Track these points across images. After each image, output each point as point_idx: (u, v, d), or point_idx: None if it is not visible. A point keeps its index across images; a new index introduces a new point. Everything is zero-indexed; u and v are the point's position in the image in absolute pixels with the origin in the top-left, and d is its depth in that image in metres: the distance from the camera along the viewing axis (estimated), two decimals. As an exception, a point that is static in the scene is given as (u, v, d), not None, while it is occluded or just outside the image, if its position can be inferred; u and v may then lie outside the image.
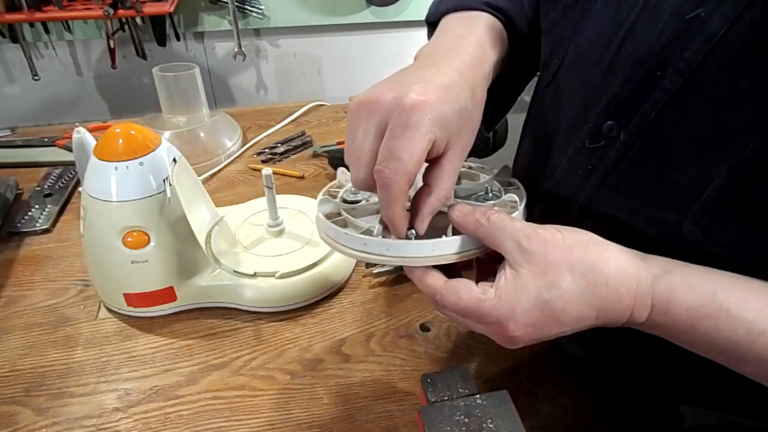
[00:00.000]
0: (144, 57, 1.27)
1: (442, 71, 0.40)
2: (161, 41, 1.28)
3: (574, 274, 0.35)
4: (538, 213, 0.51)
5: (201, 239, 0.62)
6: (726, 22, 0.34)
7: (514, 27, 0.50)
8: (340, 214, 0.45)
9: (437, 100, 0.37)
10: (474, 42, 0.45)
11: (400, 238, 0.40)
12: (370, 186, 0.38)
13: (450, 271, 0.40)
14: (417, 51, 0.46)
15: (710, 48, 0.35)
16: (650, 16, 0.39)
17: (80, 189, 0.68)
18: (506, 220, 0.38)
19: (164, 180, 0.58)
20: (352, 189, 0.49)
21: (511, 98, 0.59)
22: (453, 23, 0.49)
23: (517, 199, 0.44)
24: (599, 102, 0.43)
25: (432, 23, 0.53)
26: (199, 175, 0.69)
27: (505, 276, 0.37)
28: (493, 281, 0.37)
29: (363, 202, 0.48)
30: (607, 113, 0.42)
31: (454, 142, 0.38)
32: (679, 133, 0.38)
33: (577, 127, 0.45)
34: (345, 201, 0.48)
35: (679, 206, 0.39)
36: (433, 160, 0.39)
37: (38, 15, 1.10)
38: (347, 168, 0.42)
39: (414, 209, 0.40)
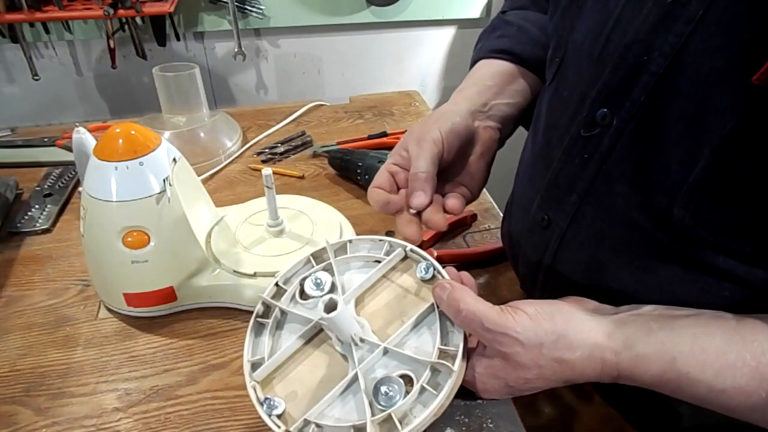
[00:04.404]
0: (144, 57, 1.27)
1: (452, 108, 0.55)
2: (161, 41, 1.28)
3: (541, 369, 0.40)
4: (537, 205, 0.51)
5: (201, 239, 0.62)
6: (704, 4, 0.35)
7: (519, 57, 0.59)
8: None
9: (435, 123, 0.51)
10: (470, 90, 0.58)
11: (409, 238, 0.48)
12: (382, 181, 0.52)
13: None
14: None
15: (691, 30, 0.36)
16: (635, 5, 0.40)
17: (80, 189, 0.68)
18: (474, 320, 0.40)
19: (164, 180, 0.58)
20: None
21: None
22: (474, 70, 0.63)
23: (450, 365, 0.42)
24: (592, 92, 0.44)
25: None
26: (199, 175, 0.69)
27: (480, 361, 0.42)
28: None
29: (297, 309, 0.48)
30: (599, 101, 0.43)
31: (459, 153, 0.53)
32: (668, 116, 0.39)
33: (573, 118, 0.46)
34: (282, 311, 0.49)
35: (669, 190, 0.40)
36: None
37: (38, 15, 1.10)
38: None
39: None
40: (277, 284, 0.49)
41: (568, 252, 0.49)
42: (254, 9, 1.30)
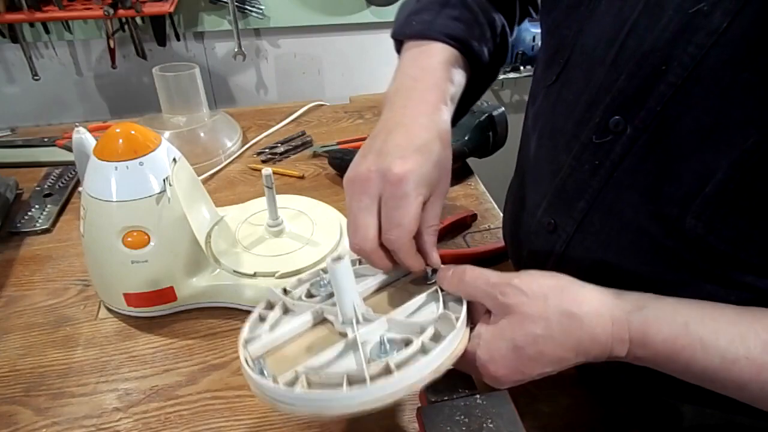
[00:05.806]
0: (144, 57, 1.27)
1: (410, 132, 0.45)
2: (161, 41, 1.28)
3: (548, 321, 0.38)
4: (543, 209, 0.51)
5: (201, 239, 0.62)
6: (728, 16, 0.35)
7: (472, 52, 0.52)
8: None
9: (417, 165, 0.42)
10: (431, 84, 0.49)
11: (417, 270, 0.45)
12: (374, 252, 0.44)
13: None
14: (385, 92, 0.51)
15: (713, 42, 0.36)
16: (653, 13, 0.39)
17: (80, 189, 0.68)
18: (479, 278, 0.41)
19: (164, 180, 0.58)
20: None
21: (468, 107, 0.60)
22: (412, 59, 0.52)
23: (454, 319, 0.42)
24: (605, 98, 0.43)
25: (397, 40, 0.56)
26: (199, 175, 0.69)
27: (486, 326, 0.41)
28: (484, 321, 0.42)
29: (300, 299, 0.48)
30: (613, 108, 0.42)
31: (435, 189, 0.44)
32: (684, 126, 0.38)
33: (583, 124, 0.46)
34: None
35: (681, 200, 0.39)
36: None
37: (38, 15, 1.10)
38: None
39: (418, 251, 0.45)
40: (285, 289, 0.49)
41: (574, 256, 0.49)
42: (254, 9, 1.30)
